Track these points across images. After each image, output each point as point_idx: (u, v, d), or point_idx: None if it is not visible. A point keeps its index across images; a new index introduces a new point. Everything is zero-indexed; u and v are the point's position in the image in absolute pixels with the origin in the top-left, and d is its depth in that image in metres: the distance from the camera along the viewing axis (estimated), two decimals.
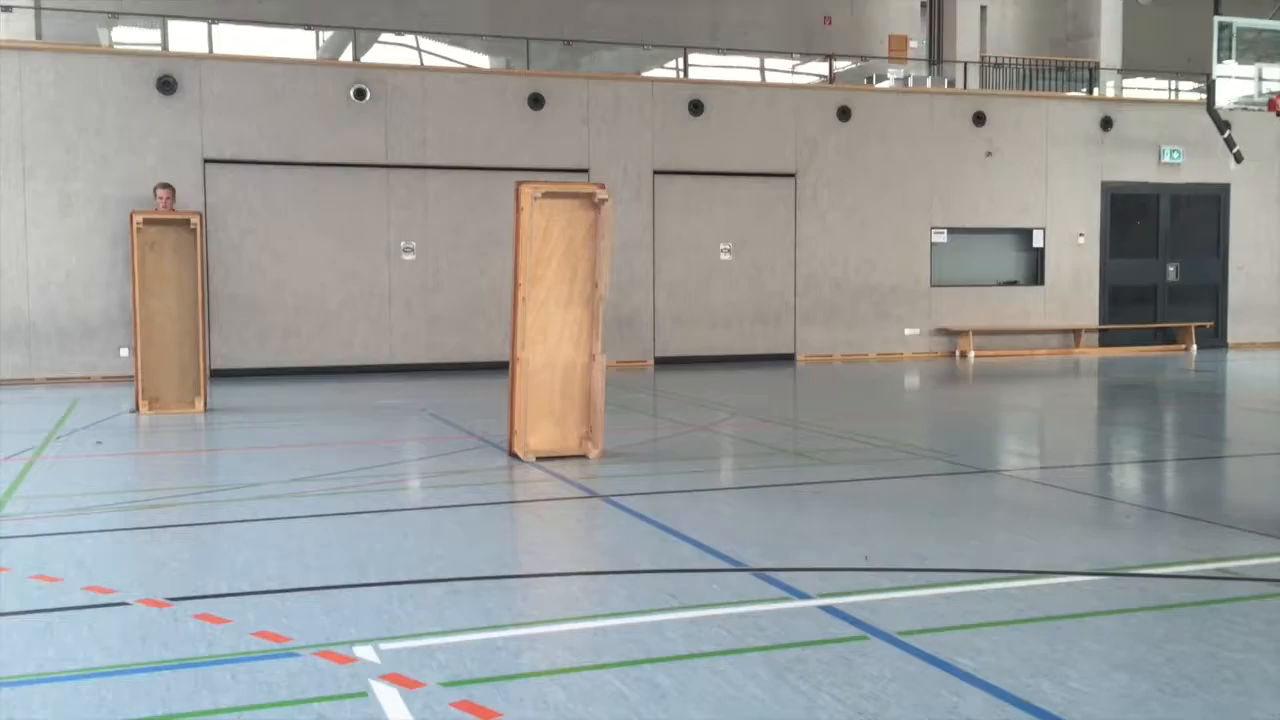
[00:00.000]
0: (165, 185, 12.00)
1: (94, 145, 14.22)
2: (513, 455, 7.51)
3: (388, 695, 3.20)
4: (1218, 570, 4.53)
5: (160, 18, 15.84)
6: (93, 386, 13.54)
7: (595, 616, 4.01)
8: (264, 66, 15.01)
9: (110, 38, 15.96)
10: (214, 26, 15.78)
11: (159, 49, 15.59)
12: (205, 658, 3.54)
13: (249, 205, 14.81)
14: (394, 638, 3.72)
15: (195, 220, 10.60)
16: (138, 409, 10.45)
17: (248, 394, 12.36)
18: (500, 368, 8.83)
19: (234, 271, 14.71)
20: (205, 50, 15.41)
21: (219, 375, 13.62)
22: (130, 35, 16.40)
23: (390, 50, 17.99)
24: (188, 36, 16.03)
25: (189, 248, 10.54)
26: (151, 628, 3.87)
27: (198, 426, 9.82)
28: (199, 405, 10.60)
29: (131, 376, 10.87)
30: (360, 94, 15.16)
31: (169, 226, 10.57)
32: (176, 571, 4.72)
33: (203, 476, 7.49)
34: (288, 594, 4.27)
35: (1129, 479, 7.19)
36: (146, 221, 10.48)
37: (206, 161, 14.60)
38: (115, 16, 16.04)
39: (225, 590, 4.34)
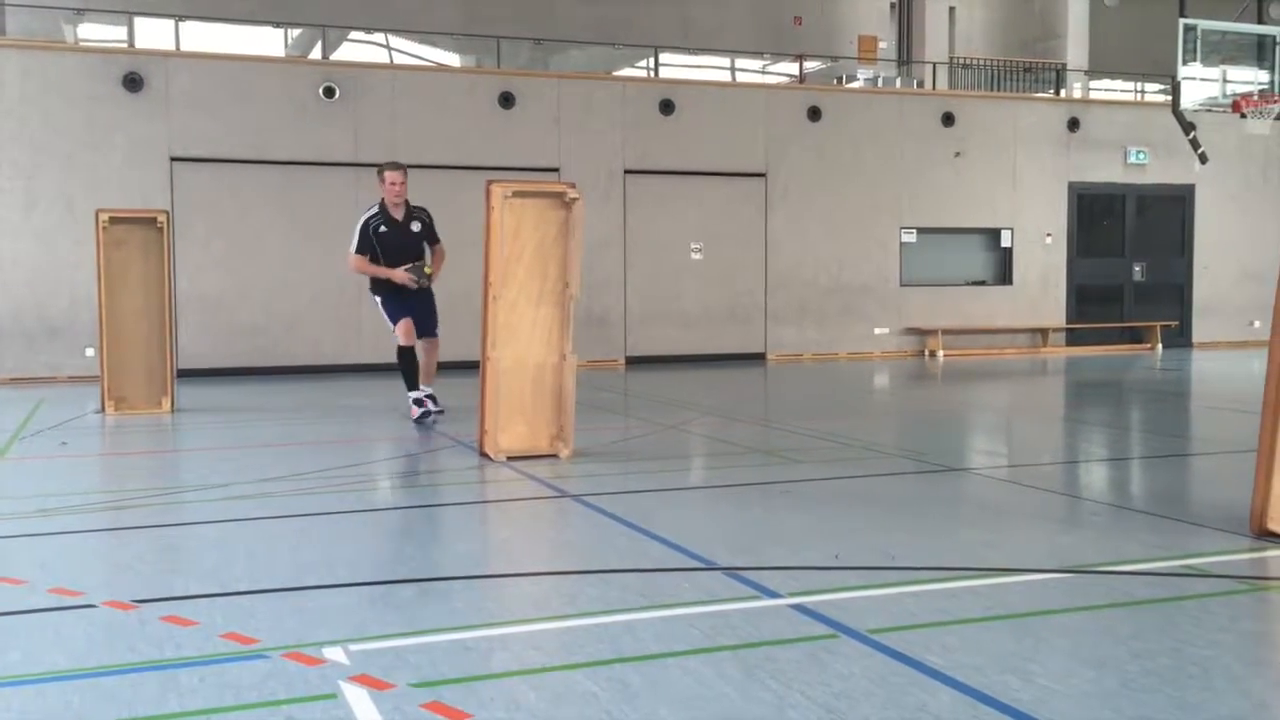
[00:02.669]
0: (396, 165, 9.42)
1: (59, 143, 14.07)
2: (483, 455, 7.49)
3: (357, 697, 3.18)
4: (1183, 567, 4.58)
5: (126, 14, 15.70)
6: (58, 387, 13.40)
7: (566, 616, 4.01)
8: (232, 64, 14.90)
9: (75, 34, 15.80)
10: (181, 23, 15.65)
11: (125, 46, 15.45)
12: (172, 660, 3.51)
13: (217, 204, 14.70)
14: (364, 639, 3.69)
15: (162, 219, 10.51)
16: (103, 409, 10.35)
17: (215, 394, 12.26)
18: (471, 367, 8.80)
19: (201, 270, 14.59)
20: (172, 47, 15.27)
21: (186, 375, 13.51)
22: (96, 32, 16.25)
23: (360, 48, 17.89)
24: (154, 33, 15.89)
25: (156, 247, 10.45)
26: (118, 630, 3.83)
27: (164, 427, 9.74)
28: (166, 405, 10.51)
29: (97, 376, 10.76)
30: (329, 92, 15.08)
31: (135, 225, 10.48)
32: (143, 573, 4.68)
33: (170, 477, 7.42)
34: (256, 595, 4.24)
35: (1096, 477, 7.25)
36: (112, 220, 10.39)
37: (173, 160, 14.48)
38: (81, 13, 15.88)
39: (193, 592, 4.31)
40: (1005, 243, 18.53)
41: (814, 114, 17.34)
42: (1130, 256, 19.40)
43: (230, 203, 14.77)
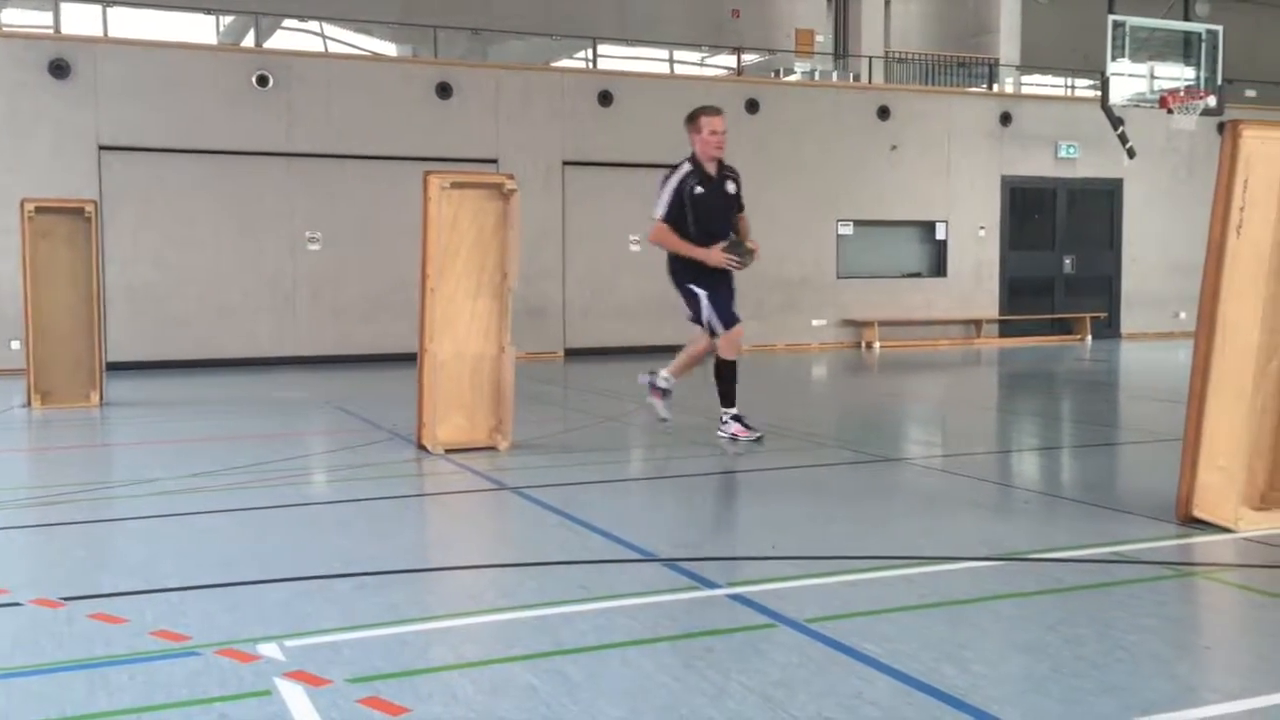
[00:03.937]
0: (717, 110, 7.65)
1: None
2: (421, 448, 7.44)
3: (293, 693, 3.14)
4: (1111, 554, 4.67)
5: None
6: None
7: (504, 609, 3.99)
8: (162, 51, 14.62)
9: None
10: (109, 9, 15.32)
11: (51, 31, 15.08)
12: (101, 658, 3.44)
13: (146, 193, 14.43)
14: (299, 634, 3.65)
15: (90, 209, 10.29)
16: (30, 404, 10.13)
17: (145, 387, 12.04)
18: (409, 360, 8.73)
19: (131, 261, 14.32)
20: (100, 33, 14.95)
21: (115, 368, 13.25)
22: (20, 17, 15.85)
23: (294, 37, 17.65)
24: (81, 18, 15.54)
25: (83, 237, 10.23)
26: (44, 628, 3.75)
27: (93, 421, 9.55)
28: (94, 399, 10.31)
29: (23, 370, 10.51)
30: (263, 81, 14.85)
31: (62, 216, 10.26)
32: (70, 570, 4.58)
33: (98, 472, 7.28)
34: (187, 592, 4.17)
35: (1027, 466, 7.37)
36: (38, 210, 10.15)
37: (101, 148, 14.18)
38: None
39: (122, 589, 4.22)
40: (940, 235, 18.76)
41: (752, 106, 17.41)
42: (1060, 249, 19.74)
43: (160, 192, 14.50)
